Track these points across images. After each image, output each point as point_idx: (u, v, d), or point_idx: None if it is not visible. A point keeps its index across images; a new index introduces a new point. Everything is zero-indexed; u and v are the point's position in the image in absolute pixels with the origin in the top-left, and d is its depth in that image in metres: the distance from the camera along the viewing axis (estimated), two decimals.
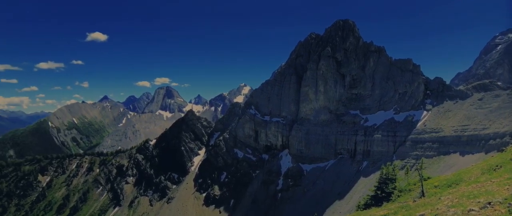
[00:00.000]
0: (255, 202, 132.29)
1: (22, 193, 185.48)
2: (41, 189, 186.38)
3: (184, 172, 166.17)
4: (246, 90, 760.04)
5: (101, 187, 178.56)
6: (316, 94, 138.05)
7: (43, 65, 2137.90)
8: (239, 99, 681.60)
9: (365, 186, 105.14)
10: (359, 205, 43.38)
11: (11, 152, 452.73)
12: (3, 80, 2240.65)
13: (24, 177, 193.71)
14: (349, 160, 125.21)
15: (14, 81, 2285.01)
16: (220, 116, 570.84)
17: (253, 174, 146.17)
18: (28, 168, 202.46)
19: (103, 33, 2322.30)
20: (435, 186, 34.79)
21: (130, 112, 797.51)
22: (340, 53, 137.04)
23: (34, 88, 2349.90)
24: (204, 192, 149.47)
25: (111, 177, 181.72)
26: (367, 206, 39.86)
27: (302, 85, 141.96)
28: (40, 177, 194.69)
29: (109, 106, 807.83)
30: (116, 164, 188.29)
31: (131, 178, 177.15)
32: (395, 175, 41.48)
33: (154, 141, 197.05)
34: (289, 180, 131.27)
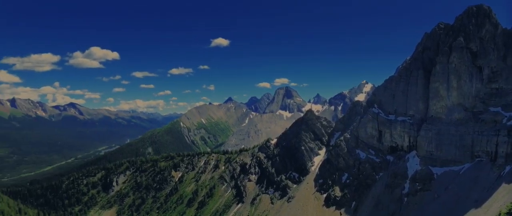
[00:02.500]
0: (378, 206, 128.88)
1: (158, 186, 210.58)
2: (174, 184, 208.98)
3: (305, 171, 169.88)
4: (367, 87, 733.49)
5: (225, 184, 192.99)
6: (448, 90, 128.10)
7: (174, 71, 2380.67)
8: (361, 97, 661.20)
9: (508, 194, 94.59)
10: (500, 214, 40.08)
11: (150, 150, 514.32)
12: (143, 86, 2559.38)
13: (160, 172, 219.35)
14: (488, 164, 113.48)
15: (151, 86, 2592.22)
16: (340, 115, 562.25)
17: (377, 176, 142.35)
18: (164, 164, 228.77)
19: (225, 38, 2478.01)
20: None
21: (252, 113, 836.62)
22: (475, 43, 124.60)
23: (168, 92, 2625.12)
24: (324, 193, 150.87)
25: (235, 174, 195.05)
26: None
27: (431, 80, 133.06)
28: (173, 173, 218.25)
29: (233, 107, 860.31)
30: (240, 162, 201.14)
31: (253, 176, 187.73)
32: None
33: (274, 140, 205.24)
34: (417, 184, 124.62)
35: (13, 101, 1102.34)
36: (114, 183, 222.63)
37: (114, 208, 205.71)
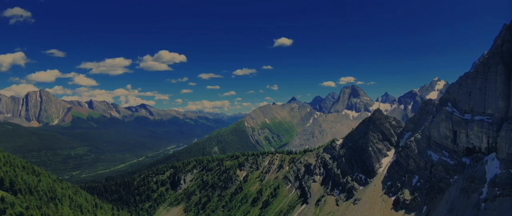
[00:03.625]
0: (452, 212, 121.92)
1: (223, 185, 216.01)
2: (238, 183, 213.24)
3: (372, 173, 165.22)
4: (440, 85, 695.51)
5: (290, 184, 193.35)
6: None
7: (239, 72, 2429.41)
8: (433, 95, 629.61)
9: None
10: None
11: (216, 149, 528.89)
12: (209, 87, 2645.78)
13: (226, 171, 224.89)
14: None
15: (217, 87, 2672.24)
16: (410, 114, 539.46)
17: (451, 180, 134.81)
18: (229, 163, 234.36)
19: (288, 38, 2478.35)
20: None
21: (317, 112, 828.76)
22: None
23: (233, 92, 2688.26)
24: (392, 196, 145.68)
25: (299, 175, 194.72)
26: None
27: None
28: (238, 172, 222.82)
29: (297, 107, 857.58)
30: (304, 163, 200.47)
31: (318, 176, 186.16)
32: None
33: (340, 140, 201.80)
34: (497, 188, 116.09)
35: (90, 103, 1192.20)
36: (182, 181, 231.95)
37: (181, 205, 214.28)
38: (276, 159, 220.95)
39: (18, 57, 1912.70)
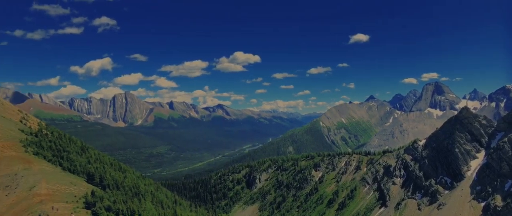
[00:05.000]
0: None
1: (298, 185, 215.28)
2: (314, 183, 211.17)
3: (459, 176, 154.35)
4: None
5: (367, 186, 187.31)
6: None
7: (313, 71, 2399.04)
8: None
9: None
10: None
11: (291, 149, 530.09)
12: (283, 87, 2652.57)
13: (301, 171, 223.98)
14: None
15: (291, 86, 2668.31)
16: (503, 113, 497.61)
17: None
18: (304, 163, 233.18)
19: (365, 33, 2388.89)
20: None
21: (397, 111, 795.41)
22: None
23: (307, 91, 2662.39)
24: (482, 202, 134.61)
25: (378, 176, 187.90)
26: None
27: None
28: (313, 172, 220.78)
29: (375, 106, 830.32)
30: (383, 164, 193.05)
31: (398, 179, 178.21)
32: None
33: (423, 141, 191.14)
34: None
35: (171, 104, 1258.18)
36: (257, 180, 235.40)
37: (257, 204, 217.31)
38: (353, 160, 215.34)
39: (105, 62, 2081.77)
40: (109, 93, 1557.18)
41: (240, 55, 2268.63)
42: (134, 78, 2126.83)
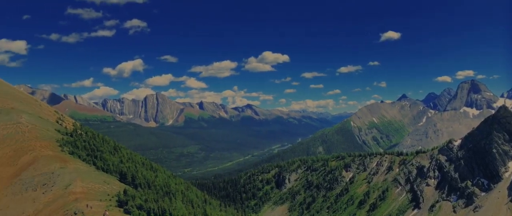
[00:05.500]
0: None
1: (328, 186, 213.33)
2: (344, 184, 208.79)
3: (496, 178, 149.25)
4: None
5: (400, 187, 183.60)
6: None
7: (343, 70, 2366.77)
8: None
9: None
10: None
11: (320, 149, 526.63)
12: (312, 86, 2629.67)
13: (331, 172, 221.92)
14: None
15: (321, 86, 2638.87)
16: None
17: None
18: (334, 163, 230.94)
19: (396, 31, 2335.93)
20: None
21: (431, 110, 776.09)
22: None
23: (337, 91, 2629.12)
24: None
25: (410, 177, 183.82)
26: None
27: None
28: (344, 173, 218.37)
29: (408, 105, 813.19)
30: (417, 165, 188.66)
31: (432, 180, 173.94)
32: None
33: (458, 141, 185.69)
34: None
35: (201, 104, 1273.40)
36: (287, 181, 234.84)
37: (286, 205, 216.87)
38: (385, 160, 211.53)
39: (137, 64, 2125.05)
40: (140, 94, 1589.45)
41: (268, 55, 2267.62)
42: (164, 79, 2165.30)
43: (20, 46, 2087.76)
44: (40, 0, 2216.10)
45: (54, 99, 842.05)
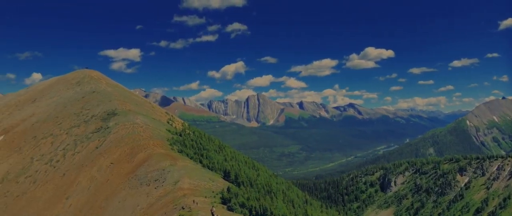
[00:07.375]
0: None
1: (440, 191, 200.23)
2: (459, 189, 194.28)
3: None
4: None
5: None
6: None
7: (456, 63, 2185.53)
8: None
9: None
10: None
11: (431, 150, 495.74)
12: (421, 82, 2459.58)
13: (443, 176, 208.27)
14: None
15: (431, 82, 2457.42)
16: None
17: None
18: (447, 167, 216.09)
19: None
20: None
21: None
22: None
23: (450, 87, 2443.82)
24: None
25: None
26: None
27: None
28: (458, 177, 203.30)
29: None
30: None
31: None
32: None
33: None
34: None
35: (301, 104, 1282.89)
36: (392, 184, 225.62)
37: (391, 209, 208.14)
38: (507, 164, 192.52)
39: (239, 66, 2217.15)
40: (243, 95, 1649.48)
41: (371, 51, 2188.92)
42: (265, 80, 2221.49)
43: (134, 53, 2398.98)
44: (150, 10, 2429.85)
45: (164, 101, 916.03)
